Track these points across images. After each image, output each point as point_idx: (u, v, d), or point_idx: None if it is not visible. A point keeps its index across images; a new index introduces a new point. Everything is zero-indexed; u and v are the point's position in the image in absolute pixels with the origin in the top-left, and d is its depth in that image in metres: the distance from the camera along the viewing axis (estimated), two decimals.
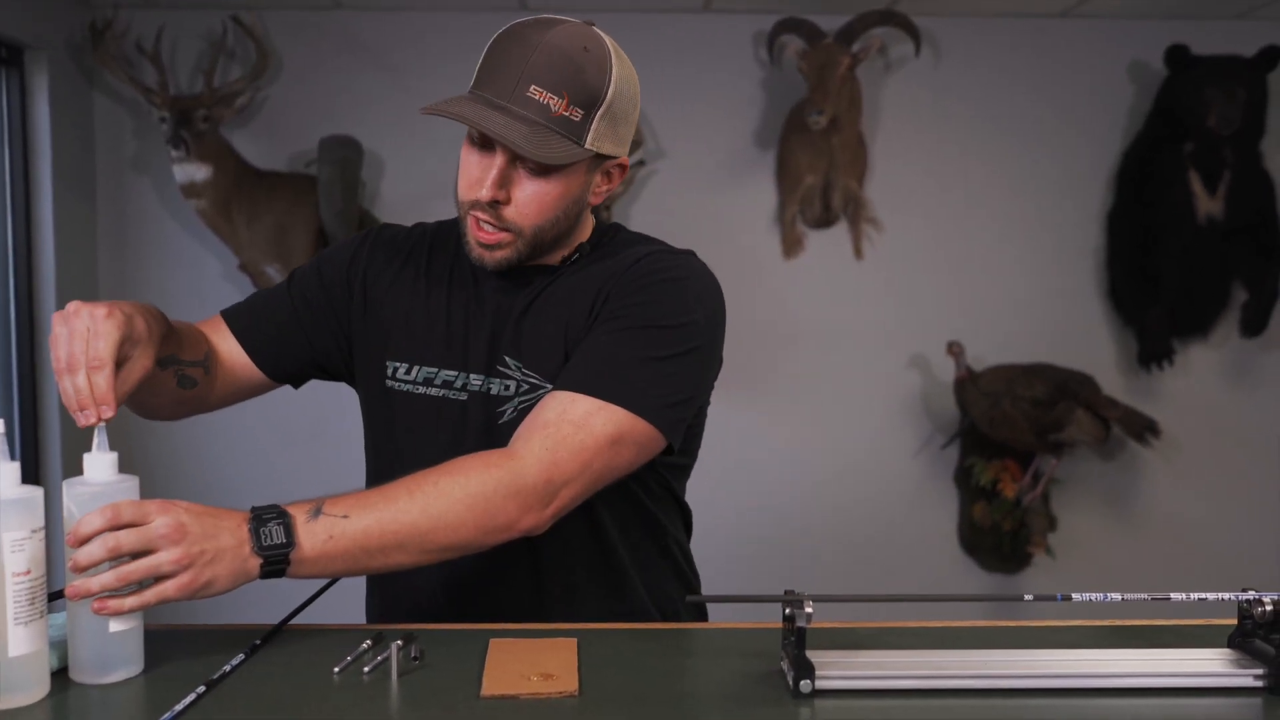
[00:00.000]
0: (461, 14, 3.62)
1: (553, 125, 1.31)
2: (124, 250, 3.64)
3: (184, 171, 3.34)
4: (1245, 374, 3.83)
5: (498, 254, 1.39)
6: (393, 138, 3.64)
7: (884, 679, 1.12)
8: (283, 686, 1.14)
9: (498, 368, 1.44)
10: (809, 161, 3.60)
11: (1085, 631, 1.32)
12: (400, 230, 1.59)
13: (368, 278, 1.52)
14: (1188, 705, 1.10)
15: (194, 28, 3.58)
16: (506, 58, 1.34)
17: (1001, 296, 3.75)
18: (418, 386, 1.47)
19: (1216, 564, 3.78)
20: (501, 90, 1.32)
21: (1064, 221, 3.77)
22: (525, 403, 1.41)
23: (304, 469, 3.66)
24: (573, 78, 1.31)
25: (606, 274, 1.43)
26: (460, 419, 1.45)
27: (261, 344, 1.53)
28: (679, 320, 1.38)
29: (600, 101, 1.33)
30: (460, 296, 1.48)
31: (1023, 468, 3.70)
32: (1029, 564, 3.76)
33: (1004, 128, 3.74)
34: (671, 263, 1.44)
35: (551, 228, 1.39)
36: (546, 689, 1.10)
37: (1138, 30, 3.70)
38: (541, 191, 1.35)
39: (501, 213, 1.36)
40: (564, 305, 1.44)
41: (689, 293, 1.41)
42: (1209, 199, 3.61)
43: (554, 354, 1.42)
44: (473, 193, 1.36)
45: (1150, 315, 3.68)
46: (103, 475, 1.14)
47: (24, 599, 1.06)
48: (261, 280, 3.50)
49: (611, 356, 1.35)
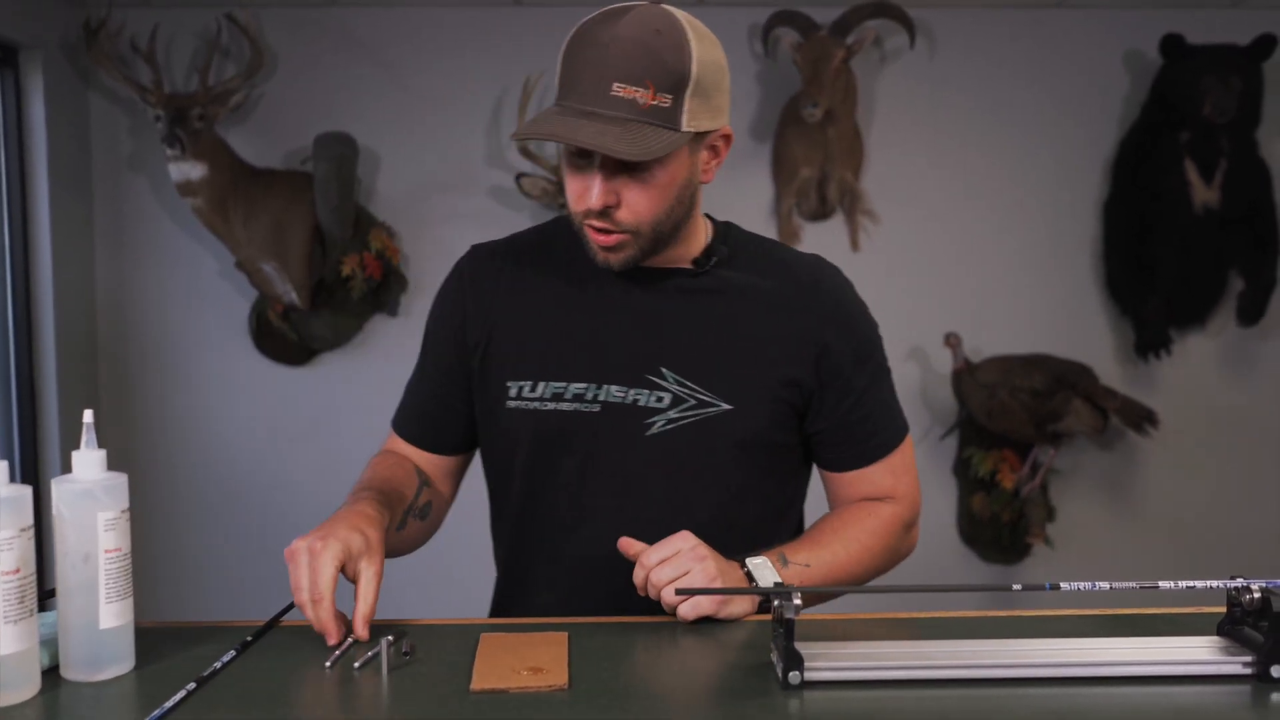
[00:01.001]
0: (456, 9, 3.62)
1: (645, 118, 1.28)
2: (121, 249, 3.64)
3: (180, 170, 3.34)
4: (1242, 363, 3.83)
5: (621, 254, 1.38)
6: (388, 134, 3.64)
7: (873, 670, 1.12)
8: (273, 682, 1.14)
9: (649, 378, 1.41)
10: (805, 154, 3.60)
11: (1075, 621, 1.32)
12: (496, 245, 1.55)
13: (478, 309, 1.49)
14: (1178, 693, 1.10)
15: (188, 26, 3.58)
16: (582, 62, 1.30)
17: (999, 287, 3.75)
18: (545, 403, 1.43)
19: (1215, 552, 3.78)
20: (586, 96, 1.29)
21: (1060, 212, 3.77)
22: (682, 417, 1.40)
23: (298, 468, 3.66)
24: (653, 65, 1.28)
25: (783, 293, 1.45)
26: (595, 432, 1.42)
27: (440, 441, 1.57)
28: (879, 334, 1.52)
29: (686, 81, 1.30)
30: (586, 305, 1.45)
31: (1021, 458, 3.70)
32: (1028, 554, 3.76)
33: (1000, 118, 3.74)
34: (842, 278, 1.51)
35: (669, 218, 1.37)
36: (536, 682, 1.10)
37: (1133, 20, 3.70)
38: (650, 187, 1.33)
39: (615, 216, 1.34)
40: (728, 320, 1.43)
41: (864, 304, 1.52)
42: (1205, 188, 3.61)
43: (725, 369, 1.41)
44: (582, 204, 1.35)
45: (1147, 305, 3.67)
46: (91, 473, 1.14)
47: (14, 597, 1.07)
48: (258, 278, 3.50)
49: (888, 403, 1.52)
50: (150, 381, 3.66)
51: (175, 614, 3.56)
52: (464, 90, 3.63)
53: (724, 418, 1.41)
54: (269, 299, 3.55)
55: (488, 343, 1.48)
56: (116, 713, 1.08)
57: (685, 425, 1.41)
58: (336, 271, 3.52)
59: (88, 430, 1.15)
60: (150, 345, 3.66)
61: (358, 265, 3.52)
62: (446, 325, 1.52)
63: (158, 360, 3.66)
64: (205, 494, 3.68)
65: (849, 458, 1.50)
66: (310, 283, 3.51)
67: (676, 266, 1.45)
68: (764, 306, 1.44)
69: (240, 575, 3.66)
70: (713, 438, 1.41)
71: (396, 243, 3.63)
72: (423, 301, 3.68)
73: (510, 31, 3.62)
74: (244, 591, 3.62)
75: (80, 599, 1.12)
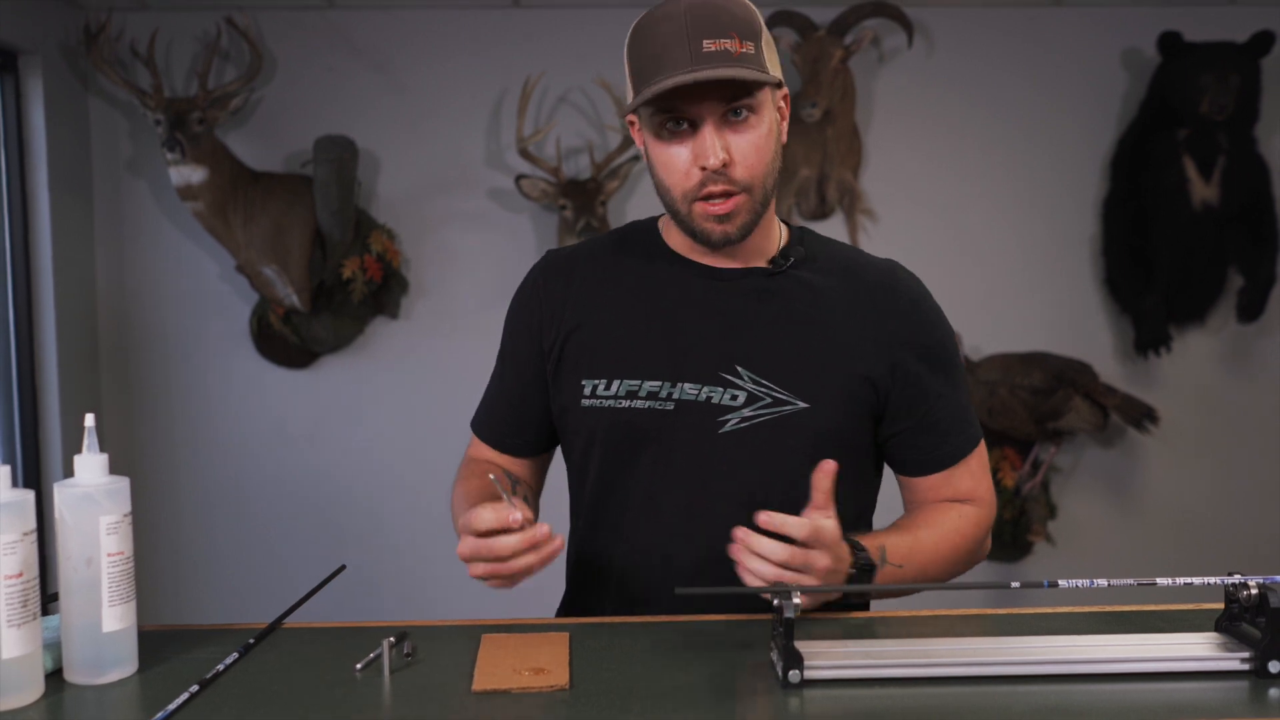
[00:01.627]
0: (454, 11, 3.62)
1: (739, 64, 1.32)
2: (121, 253, 3.65)
3: (180, 174, 3.35)
4: (1242, 359, 3.83)
5: (737, 220, 1.40)
6: (387, 136, 3.64)
7: (872, 668, 1.13)
8: (276, 684, 1.14)
9: (724, 376, 1.43)
10: (804, 154, 3.60)
11: (1074, 618, 1.32)
12: (569, 250, 1.59)
13: (554, 313, 1.52)
14: (1176, 689, 1.11)
15: (187, 29, 3.58)
16: (661, 40, 1.34)
17: (998, 285, 3.75)
18: (620, 401, 1.45)
19: (1216, 549, 3.78)
20: (679, 61, 1.32)
21: (1059, 210, 3.77)
22: (757, 415, 1.42)
23: (299, 471, 3.67)
24: (731, 20, 1.33)
25: (859, 295, 1.47)
26: (669, 430, 1.44)
27: (521, 444, 1.61)
28: (955, 339, 1.55)
29: (760, 30, 1.37)
30: (661, 305, 1.47)
31: (1022, 456, 3.71)
32: (1030, 552, 3.76)
33: (998, 117, 3.74)
34: (917, 282, 1.54)
35: (773, 174, 1.41)
36: (537, 683, 1.11)
37: (1130, 17, 3.70)
38: (755, 137, 1.37)
39: (731, 175, 1.37)
40: (804, 320, 1.45)
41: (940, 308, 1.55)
42: (1204, 185, 3.61)
43: (802, 367, 1.43)
44: (690, 177, 1.37)
45: (1147, 302, 3.67)
46: (93, 477, 1.15)
47: (17, 601, 1.07)
48: (259, 281, 3.51)
49: (965, 405, 1.52)
50: (151, 385, 3.67)
51: (176, 617, 3.57)
52: (463, 92, 3.64)
53: (801, 415, 1.42)
54: (270, 302, 3.56)
55: (564, 344, 1.50)
56: (120, 716, 1.09)
57: (761, 423, 1.42)
58: (337, 274, 3.53)
59: (89, 434, 1.15)
60: (151, 349, 3.67)
61: (358, 268, 3.53)
62: (523, 329, 1.56)
63: (159, 364, 3.67)
64: (206, 497, 3.69)
65: (929, 461, 1.50)
66: (311, 285, 3.52)
67: (753, 266, 1.48)
68: (840, 307, 1.46)
69: (240, 578, 3.66)
70: (789, 435, 1.42)
71: (397, 245, 3.64)
72: (423, 303, 3.70)
73: (509, 33, 3.63)
74: (244, 594, 3.63)
75: (83, 602, 1.13)
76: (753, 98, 1.35)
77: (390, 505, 3.69)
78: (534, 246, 3.67)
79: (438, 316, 3.70)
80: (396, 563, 3.67)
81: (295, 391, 3.69)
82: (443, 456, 3.68)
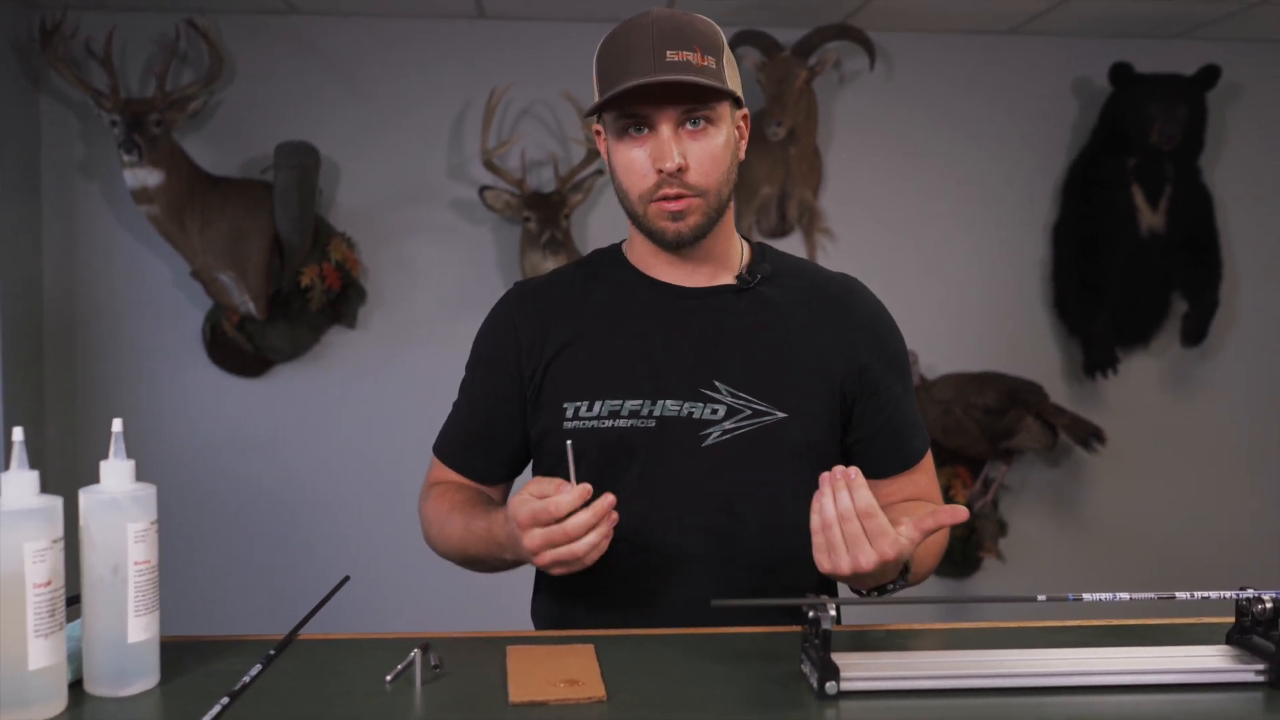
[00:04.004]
0: (418, 20, 3.60)
1: (700, 75, 1.38)
2: (71, 256, 3.56)
3: (136, 176, 3.28)
4: (1185, 382, 3.94)
5: (691, 220, 1.44)
6: (349, 144, 3.60)
7: (905, 680, 1.14)
8: (306, 696, 1.13)
9: (703, 391, 1.47)
10: (766, 172, 3.64)
11: (1085, 631, 1.36)
12: (539, 281, 1.62)
13: (531, 341, 1.53)
14: (1194, 700, 1.14)
15: (144, 31, 3.51)
16: (627, 47, 1.40)
17: (953, 306, 3.82)
18: (602, 421, 1.47)
19: (1159, 564, 3.88)
20: (643, 66, 1.37)
21: (1013, 233, 3.85)
22: (737, 427, 1.46)
23: (253, 481, 3.61)
24: (694, 34, 1.40)
25: (823, 307, 1.53)
26: (652, 447, 1.47)
27: (488, 470, 1.61)
28: (906, 346, 1.62)
29: (722, 48, 1.43)
30: (636, 326, 1.51)
31: (973, 474, 3.77)
32: (979, 568, 3.82)
33: (954, 141, 3.81)
34: (872, 294, 1.61)
35: (727, 183, 1.46)
36: (575, 694, 1.11)
37: (1083, 48, 3.80)
38: (712, 146, 1.42)
39: (685, 179, 1.41)
40: (775, 333, 1.50)
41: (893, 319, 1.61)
42: (1151, 212, 3.71)
43: (777, 379, 1.48)
44: (647, 178, 1.42)
45: (1096, 325, 3.77)
46: (120, 483, 1.12)
47: (45, 611, 1.04)
48: (215, 288, 3.44)
49: (916, 410, 1.59)
50: (98, 394, 3.58)
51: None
52: (426, 102, 3.61)
53: (780, 425, 1.47)
54: (225, 309, 3.49)
55: (545, 371, 1.52)
56: None
57: (741, 435, 1.47)
58: (295, 282, 3.48)
59: (116, 441, 1.13)
60: (100, 356, 3.58)
61: (317, 276, 3.48)
62: (498, 358, 1.56)
63: (107, 372, 3.58)
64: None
65: (893, 463, 1.56)
66: (268, 293, 3.46)
67: (719, 283, 1.52)
68: (806, 319, 1.52)
69: (190, 588, 3.58)
70: (769, 445, 1.47)
71: (356, 254, 3.60)
72: (381, 313, 3.66)
73: (474, 44, 3.62)
74: (195, 605, 3.55)
75: (108, 612, 1.10)
76: (711, 109, 1.41)
77: (343, 516, 3.63)
78: (495, 259, 3.66)
79: (395, 327, 3.67)
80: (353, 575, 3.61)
81: (248, 400, 3.63)
82: (397, 467, 3.66)
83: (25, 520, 1.03)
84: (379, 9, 3.56)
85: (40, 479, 1.07)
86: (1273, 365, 3.97)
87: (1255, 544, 3.94)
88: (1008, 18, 3.61)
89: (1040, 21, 3.63)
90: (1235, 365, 3.95)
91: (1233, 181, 3.89)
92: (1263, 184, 3.92)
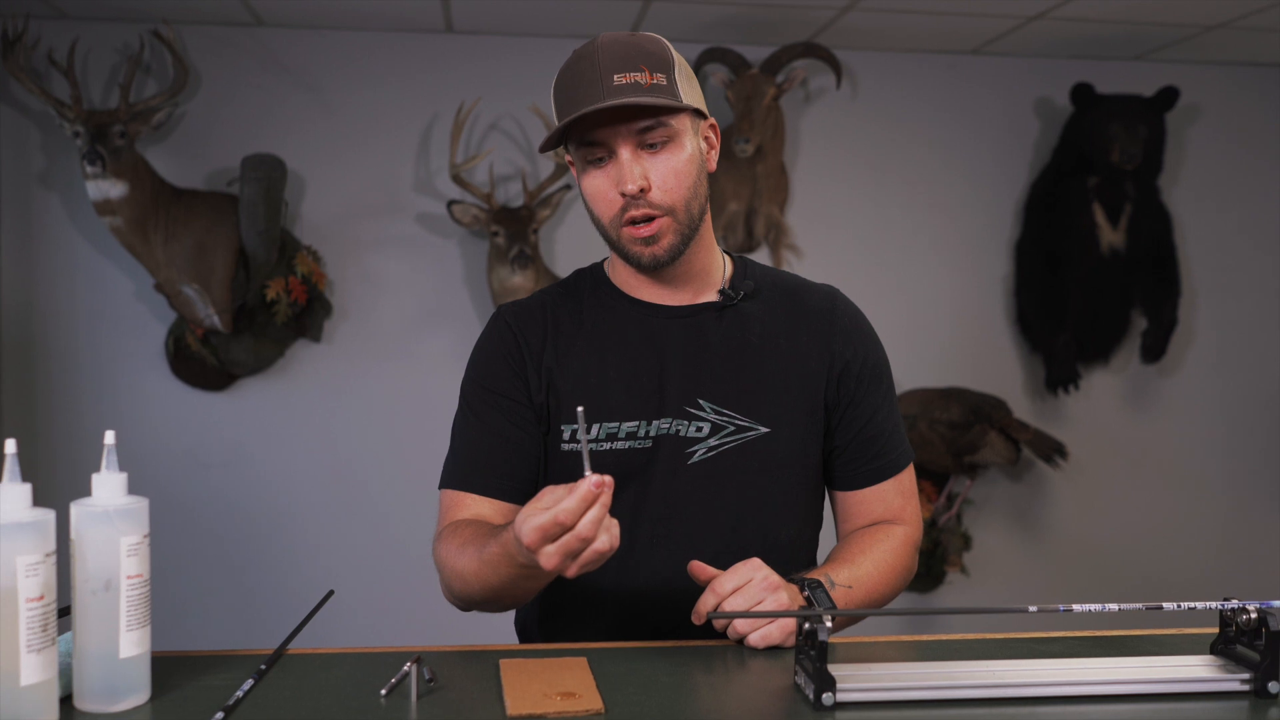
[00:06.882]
0: (384, 34, 3.59)
1: (649, 94, 1.39)
2: (31, 269, 3.50)
3: (99, 188, 3.23)
4: (1144, 398, 4.00)
5: (663, 242, 1.44)
6: (315, 158, 3.58)
7: (900, 690, 1.15)
8: (301, 710, 1.11)
9: (688, 409, 1.48)
10: (733, 189, 3.66)
11: (1071, 642, 1.37)
12: (523, 303, 1.59)
13: (532, 357, 1.52)
14: (1182, 709, 1.16)
15: (107, 41, 3.47)
16: (576, 77, 1.40)
17: (917, 322, 3.85)
18: (601, 444, 1.47)
19: (1118, 577, 3.93)
20: (592, 93, 1.38)
21: (976, 249, 3.90)
22: (722, 443, 1.47)
23: (216, 495, 3.56)
24: (641, 55, 1.41)
25: (804, 319, 1.54)
26: (645, 466, 1.48)
27: (515, 487, 1.51)
28: (887, 357, 1.62)
29: (672, 64, 1.43)
30: (622, 346, 1.51)
31: (938, 489, 3.80)
32: (943, 582, 3.85)
33: (919, 158, 3.86)
34: (853, 305, 1.62)
35: (695, 198, 1.45)
36: (573, 708, 1.10)
37: (1044, 68, 3.86)
38: (674, 161, 1.42)
39: (650, 199, 1.42)
40: (756, 348, 1.51)
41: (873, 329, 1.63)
42: (1111, 230, 3.77)
43: (759, 394, 1.49)
44: (614, 204, 1.42)
45: (1058, 341, 3.82)
46: (112, 497, 1.11)
47: (37, 625, 1.03)
48: (179, 301, 3.40)
49: (897, 424, 1.59)
50: (58, 407, 3.52)
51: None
52: (393, 116, 3.60)
53: (763, 440, 1.49)
54: (189, 322, 3.45)
55: (545, 393, 1.52)
56: None
57: (726, 450, 1.48)
58: (260, 295, 3.45)
59: (109, 453, 1.11)
60: (60, 369, 3.52)
61: (283, 289, 3.45)
62: (508, 372, 1.53)
63: (67, 385, 3.52)
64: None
65: (864, 474, 1.57)
66: (233, 306, 3.43)
67: (703, 300, 1.53)
68: (788, 332, 1.54)
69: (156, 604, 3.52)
70: (753, 459, 1.49)
71: (322, 268, 3.57)
72: (346, 326, 3.63)
73: (441, 58, 3.61)
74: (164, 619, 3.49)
75: (100, 627, 1.08)
76: (667, 126, 1.42)
77: (310, 530, 3.60)
78: (462, 273, 3.65)
79: (361, 340, 3.64)
80: (315, 591, 3.57)
81: (211, 414, 3.59)
82: (363, 481, 3.64)
83: (18, 534, 1.02)
84: (346, 22, 3.54)
85: None
86: (1229, 381, 4.04)
87: (1212, 556, 4.01)
88: (971, 38, 3.67)
89: (1003, 42, 3.69)
90: (1193, 381, 4.02)
91: (1191, 200, 3.97)
92: (1220, 203, 4.00)
